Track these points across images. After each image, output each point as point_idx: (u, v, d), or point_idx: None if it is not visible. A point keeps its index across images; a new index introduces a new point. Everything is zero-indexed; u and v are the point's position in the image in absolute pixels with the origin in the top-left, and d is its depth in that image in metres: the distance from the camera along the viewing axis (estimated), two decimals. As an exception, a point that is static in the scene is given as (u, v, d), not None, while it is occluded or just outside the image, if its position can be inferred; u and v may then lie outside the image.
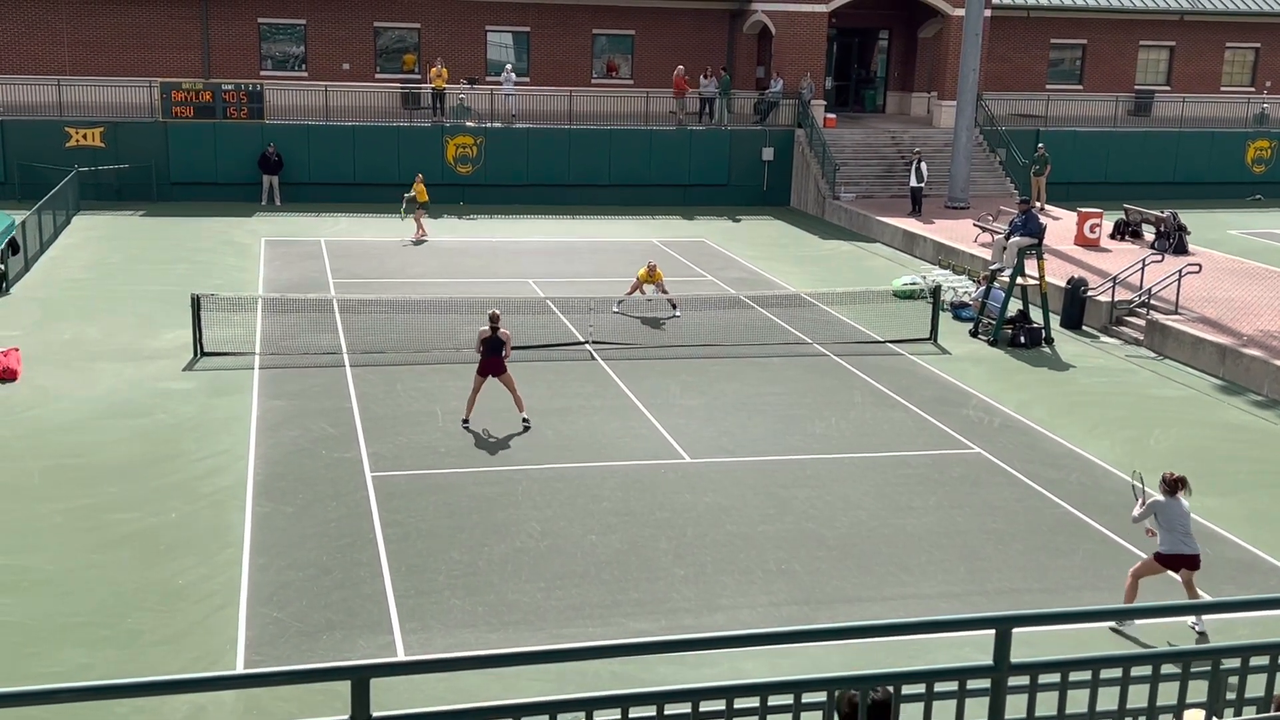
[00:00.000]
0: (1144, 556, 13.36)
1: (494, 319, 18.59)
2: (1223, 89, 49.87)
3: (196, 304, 21.88)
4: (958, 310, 26.40)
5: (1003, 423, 19.74)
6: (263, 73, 42.32)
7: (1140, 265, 26.39)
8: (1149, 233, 32.76)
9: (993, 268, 25.88)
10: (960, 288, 27.54)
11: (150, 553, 14.26)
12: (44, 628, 12.55)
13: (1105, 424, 19.81)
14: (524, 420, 18.70)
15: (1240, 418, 20.38)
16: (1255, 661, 5.03)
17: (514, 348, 22.71)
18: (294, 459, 17.24)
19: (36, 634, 12.43)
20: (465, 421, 18.72)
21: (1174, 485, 12.75)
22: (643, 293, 25.58)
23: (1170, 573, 13.05)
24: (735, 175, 40.67)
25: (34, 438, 17.77)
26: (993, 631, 4.70)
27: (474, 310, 24.50)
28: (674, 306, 25.55)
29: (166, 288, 26.61)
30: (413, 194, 33.77)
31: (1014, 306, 24.77)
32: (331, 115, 38.85)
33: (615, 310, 25.31)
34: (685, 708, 4.47)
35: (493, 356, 18.49)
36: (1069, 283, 26.13)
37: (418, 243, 32.89)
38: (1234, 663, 5.04)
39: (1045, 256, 25.41)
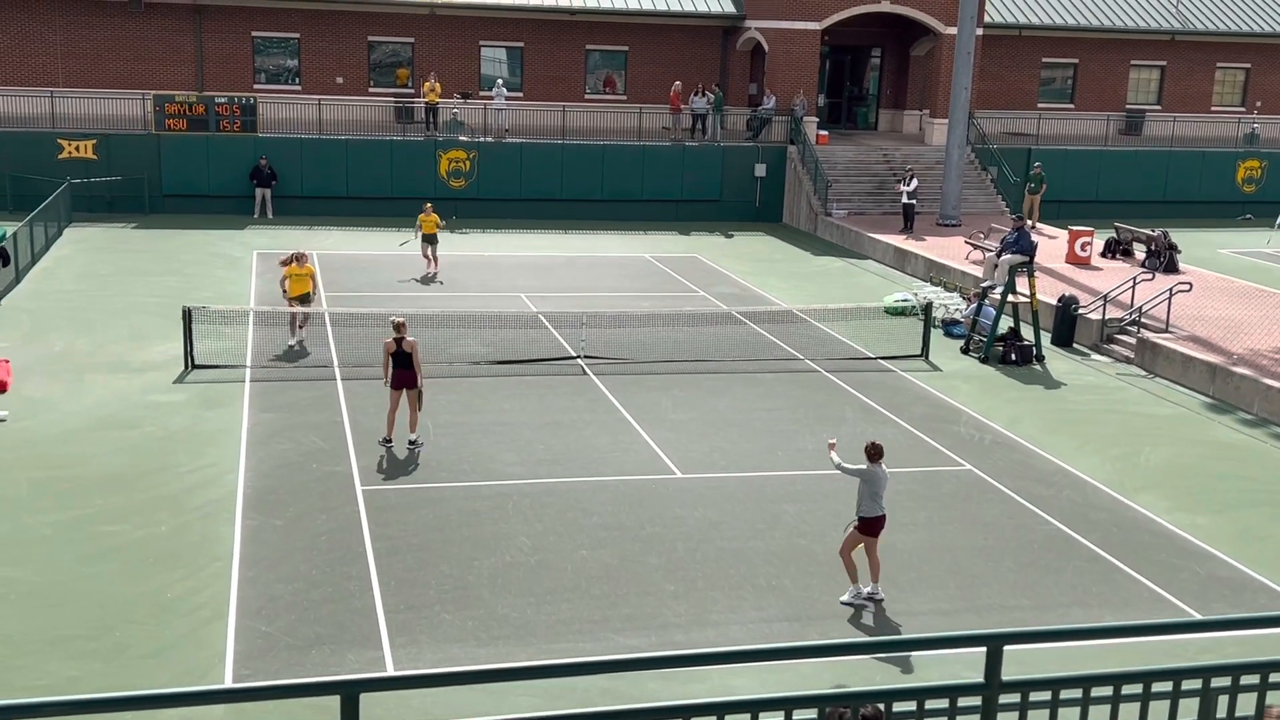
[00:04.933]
0: (1133, 574, 13.35)
1: (399, 328, 17.90)
2: (1213, 109, 50.08)
3: (188, 316, 21.85)
4: (949, 327, 26.43)
5: (993, 440, 19.76)
6: (256, 86, 42.34)
7: (1131, 283, 26.46)
8: (1140, 251, 32.86)
9: (984, 285, 25.93)
10: (952, 304, 27.58)
11: (139, 565, 14.20)
12: (31, 640, 12.49)
13: (1095, 441, 19.84)
14: (410, 442, 18.07)
15: (1230, 436, 20.41)
16: (1245, 680, 5.03)
17: (506, 361, 22.86)
18: (284, 472, 17.20)
19: (23, 646, 12.37)
20: (387, 440, 18.19)
21: (878, 453, 13.86)
22: (298, 324, 23.33)
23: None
24: (728, 191, 40.72)
25: (23, 449, 17.71)
26: (984, 649, 4.69)
27: (466, 325, 24.53)
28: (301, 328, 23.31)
29: (157, 300, 26.57)
30: (418, 225, 30.77)
31: (1005, 324, 24.82)
32: (324, 129, 38.86)
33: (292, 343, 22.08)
34: (676, 724, 4.46)
35: (402, 370, 17.98)
36: (1060, 300, 26.19)
37: (428, 279, 30.20)
38: (1224, 681, 5.04)
39: (1036, 274, 25.48)
